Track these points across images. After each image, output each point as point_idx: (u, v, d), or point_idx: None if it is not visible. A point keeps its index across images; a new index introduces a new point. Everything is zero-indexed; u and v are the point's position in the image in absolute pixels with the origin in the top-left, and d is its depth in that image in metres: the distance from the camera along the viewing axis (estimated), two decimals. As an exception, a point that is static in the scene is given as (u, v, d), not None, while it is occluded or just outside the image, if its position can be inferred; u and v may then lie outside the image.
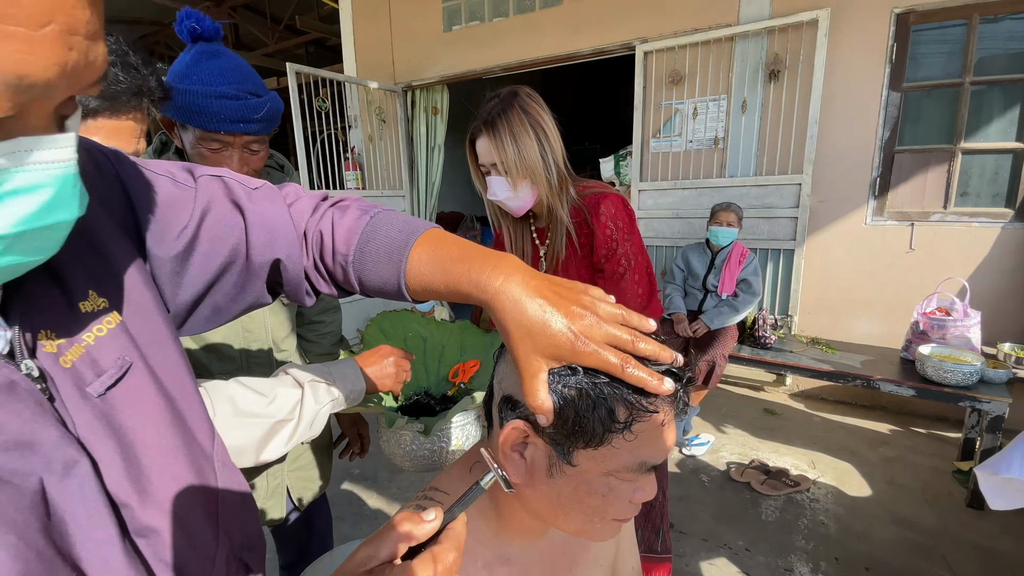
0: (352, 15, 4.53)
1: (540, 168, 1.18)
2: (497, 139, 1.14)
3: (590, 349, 0.46)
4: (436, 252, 0.53)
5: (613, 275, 1.30)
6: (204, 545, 0.46)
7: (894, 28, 2.68)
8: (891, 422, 2.89)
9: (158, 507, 0.41)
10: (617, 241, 1.27)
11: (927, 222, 2.79)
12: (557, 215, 1.25)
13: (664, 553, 1.54)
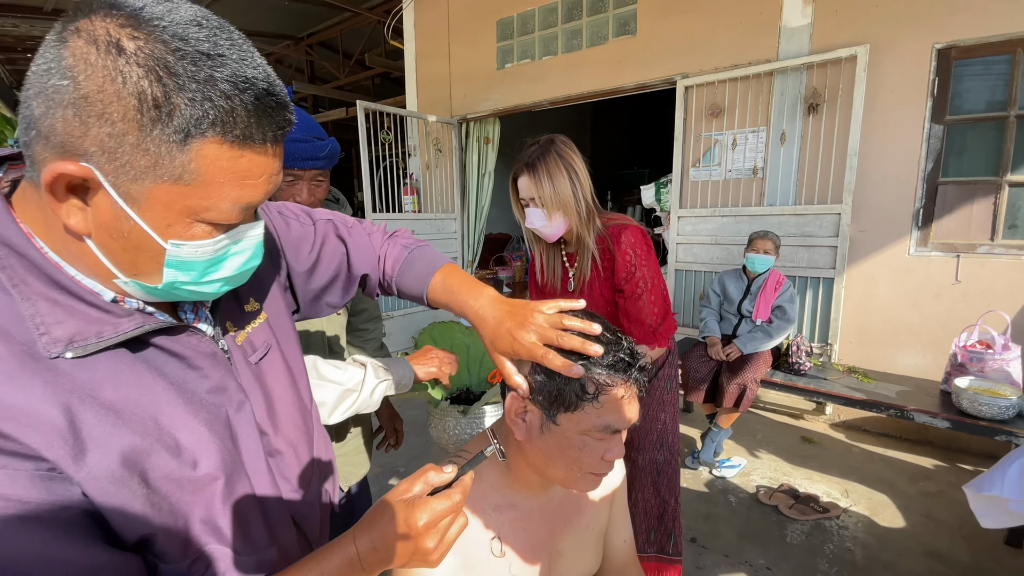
0: (416, 56, 4.97)
1: (571, 202, 1.41)
2: (536, 178, 1.39)
3: (523, 346, 0.67)
4: (444, 283, 0.78)
5: (632, 295, 1.48)
6: (305, 468, 0.68)
7: (935, 63, 2.72)
8: (937, 457, 2.82)
9: (283, 438, 0.64)
10: (635, 266, 1.47)
11: (974, 254, 2.75)
12: (584, 242, 1.47)
13: (675, 555, 1.64)
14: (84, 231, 0.42)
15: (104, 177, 0.39)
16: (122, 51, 0.37)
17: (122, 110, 0.38)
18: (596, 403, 0.70)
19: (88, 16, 0.38)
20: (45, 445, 0.40)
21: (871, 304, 3.06)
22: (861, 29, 2.88)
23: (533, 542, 0.82)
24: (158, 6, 0.39)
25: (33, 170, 0.41)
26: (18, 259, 0.43)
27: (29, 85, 0.39)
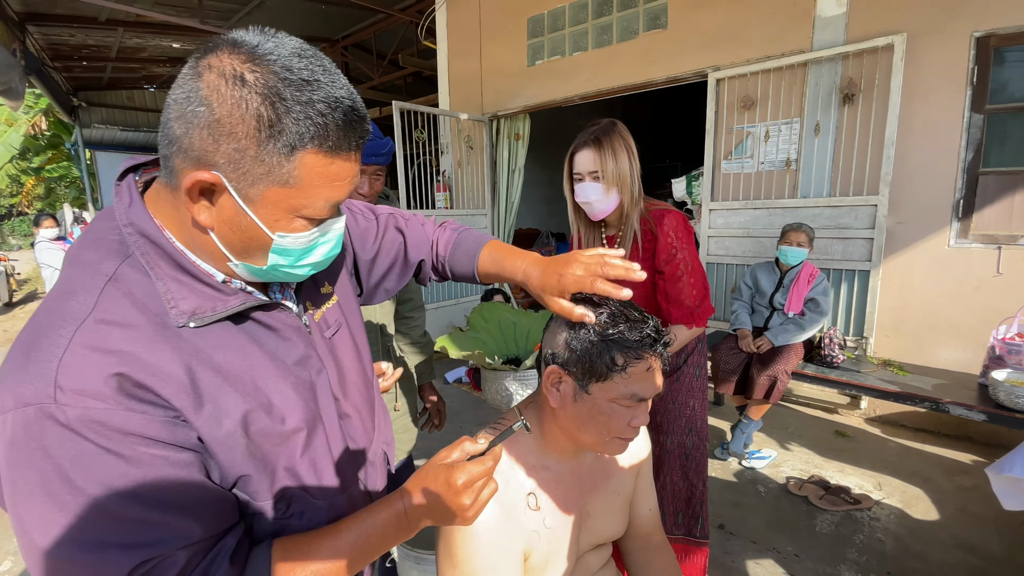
0: (448, 55, 5.08)
1: (628, 180, 1.51)
2: (601, 152, 1.48)
3: (570, 279, 0.75)
4: (492, 254, 0.88)
5: (672, 276, 1.55)
6: (368, 432, 0.79)
7: (974, 51, 2.65)
8: (975, 453, 2.77)
9: (351, 403, 0.75)
10: (677, 248, 1.54)
11: (1016, 245, 2.68)
12: (630, 221, 1.54)
13: (702, 538, 1.70)
14: (209, 225, 0.53)
15: (229, 183, 0.50)
16: (245, 82, 0.47)
17: (245, 130, 0.48)
18: (624, 374, 0.78)
19: (216, 53, 0.49)
20: (173, 396, 0.51)
21: (909, 297, 3.01)
22: (897, 18, 2.83)
23: (565, 500, 0.91)
24: (268, 42, 0.49)
25: (170, 176, 0.52)
26: (152, 247, 0.54)
27: (170, 110, 0.50)
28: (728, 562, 2.01)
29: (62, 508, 0.45)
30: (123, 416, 0.47)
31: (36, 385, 0.45)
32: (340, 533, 0.60)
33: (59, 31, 7.54)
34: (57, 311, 0.49)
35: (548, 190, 7.18)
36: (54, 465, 0.45)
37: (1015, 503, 1.15)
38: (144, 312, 0.52)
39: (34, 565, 0.47)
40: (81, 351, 0.47)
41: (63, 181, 16.45)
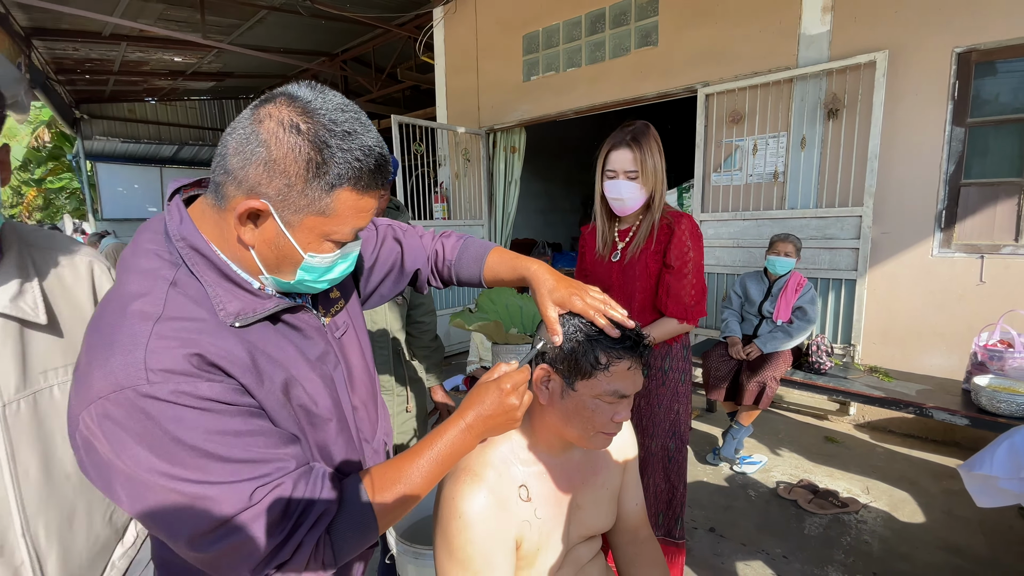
0: (446, 70, 5.20)
1: (660, 179, 1.61)
2: (640, 152, 1.58)
3: (577, 303, 0.85)
4: (500, 258, 0.97)
5: (679, 273, 1.64)
6: (372, 423, 0.86)
7: (955, 67, 2.76)
8: (962, 457, 2.82)
9: (358, 397, 0.82)
10: (689, 248, 1.64)
11: (998, 255, 2.76)
12: (651, 218, 1.65)
13: (680, 539, 1.75)
14: (251, 243, 0.62)
15: (275, 211, 0.59)
16: (300, 131, 0.57)
17: (296, 169, 0.57)
18: (607, 372, 0.84)
19: (274, 103, 0.58)
20: (240, 374, 0.59)
21: (894, 305, 3.09)
22: (880, 35, 2.94)
23: (554, 493, 0.97)
24: (317, 99, 0.59)
25: (219, 199, 0.61)
26: (201, 258, 0.62)
27: (227, 146, 0.59)
28: (718, 564, 2.05)
29: (175, 462, 0.54)
30: (206, 385, 0.56)
31: (128, 371, 0.53)
32: (420, 454, 0.71)
33: (63, 45, 7.65)
34: (130, 311, 0.57)
35: (543, 201, 7.29)
36: (161, 430, 0.53)
37: (987, 500, 1.21)
38: (205, 310, 0.60)
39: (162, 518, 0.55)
40: (162, 341, 0.55)
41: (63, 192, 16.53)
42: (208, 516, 0.55)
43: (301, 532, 0.59)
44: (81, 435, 0.56)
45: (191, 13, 6.44)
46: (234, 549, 0.56)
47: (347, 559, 0.65)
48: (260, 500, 0.57)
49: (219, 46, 7.04)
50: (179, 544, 0.57)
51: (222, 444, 0.56)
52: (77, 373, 0.57)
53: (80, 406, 0.55)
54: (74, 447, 0.59)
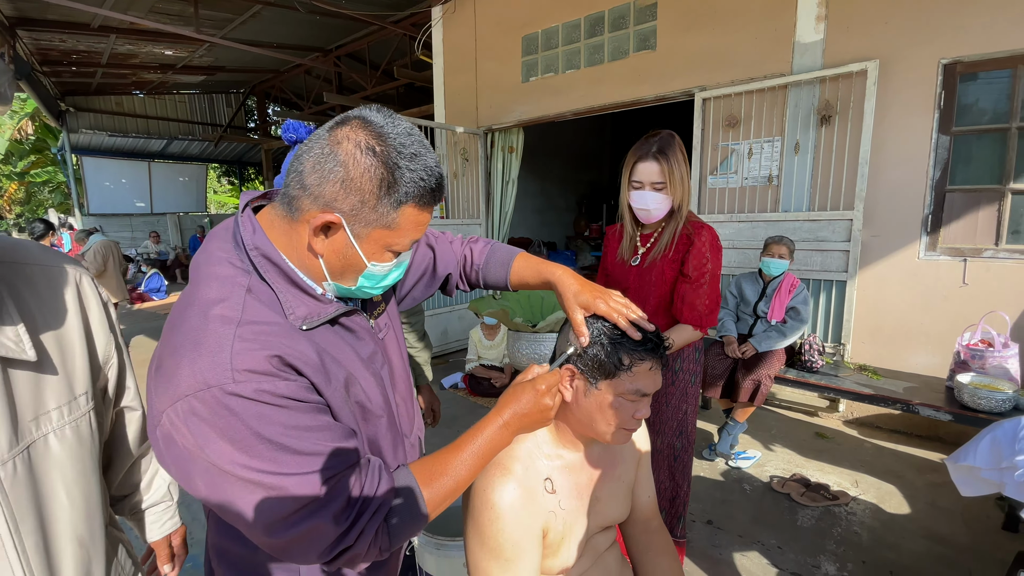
0: (444, 70, 5.23)
1: (686, 191, 1.66)
2: (667, 164, 1.62)
3: (600, 306, 0.91)
4: (526, 263, 1.04)
5: (696, 282, 1.69)
6: (410, 420, 0.91)
7: (942, 77, 2.86)
8: (945, 452, 2.94)
9: (399, 394, 0.87)
10: (707, 259, 1.69)
11: (980, 258, 2.88)
12: (674, 225, 1.70)
13: (681, 538, 1.83)
14: (321, 252, 0.67)
15: (347, 225, 0.65)
16: (374, 153, 0.63)
17: (370, 187, 0.63)
18: (630, 372, 0.91)
19: (350, 126, 0.64)
20: (311, 374, 0.65)
21: (883, 306, 3.20)
22: (871, 45, 3.04)
23: (576, 485, 1.03)
24: (388, 124, 0.65)
25: (291, 211, 0.66)
26: (273, 267, 0.68)
27: (303, 164, 0.64)
28: (716, 555, 2.14)
29: (254, 454, 0.59)
30: (284, 385, 0.61)
31: (216, 371, 0.58)
32: (462, 449, 0.77)
33: (50, 36, 7.53)
34: (212, 315, 0.62)
35: (539, 200, 7.35)
36: (244, 426, 0.58)
37: (970, 490, 1.30)
38: (277, 314, 0.66)
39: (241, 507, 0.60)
40: (244, 343, 0.60)
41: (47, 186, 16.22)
42: (283, 505, 0.60)
43: (364, 519, 0.65)
44: (163, 430, 0.61)
45: (184, 6, 6.39)
46: (305, 535, 0.61)
47: (399, 545, 0.71)
48: (328, 490, 0.62)
49: (212, 40, 6.98)
50: (255, 531, 0.62)
51: (296, 438, 0.61)
52: (160, 373, 0.62)
53: (165, 403, 0.60)
54: (153, 441, 0.63)
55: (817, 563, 2.07)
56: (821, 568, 2.05)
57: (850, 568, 2.04)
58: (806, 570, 2.04)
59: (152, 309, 8.25)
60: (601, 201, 8.17)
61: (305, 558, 0.64)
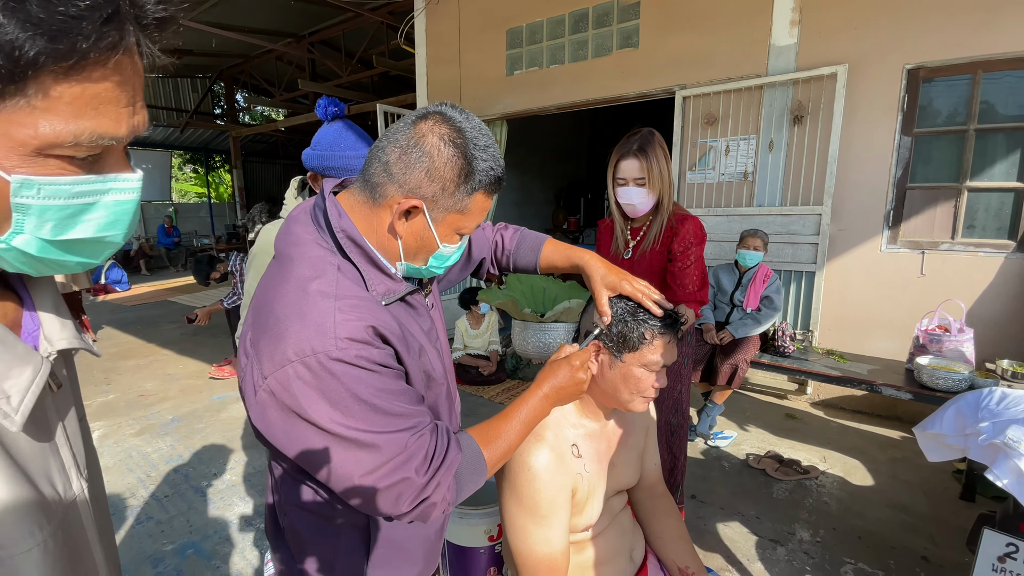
0: (427, 60, 5.22)
1: (667, 185, 1.76)
2: (646, 161, 1.73)
3: (626, 287, 1.00)
4: (555, 247, 1.12)
5: (683, 265, 1.83)
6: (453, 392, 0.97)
7: (905, 81, 3.08)
8: (903, 430, 3.19)
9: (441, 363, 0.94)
10: (692, 244, 1.82)
11: (937, 251, 3.12)
12: (661, 218, 1.81)
13: (679, 504, 1.97)
14: (401, 235, 0.74)
15: (427, 210, 0.72)
16: (456, 145, 0.70)
17: (450, 175, 0.71)
18: (652, 346, 1.00)
19: (431, 120, 0.71)
20: (396, 343, 0.71)
21: (848, 295, 3.42)
22: (840, 50, 3.23)
23: (597, 451, 1.13)
24: (464, 120, 0.72)
25: (374, 196, 0.73)
26: (357, 248, 0.74)
27: (387, 154, 0.71)
28: (701, 525, 2.29)
29: (349, 414, 0.65)
30: (376, 352, 0.68)
31: (322, 339, 0.64)
32: (511, 417, 0.85)
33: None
34: (311, 290, 0.68)
35: (518, 194, 7.43)
36: (343, 388, 0.65)
37: (936, 456, 1.46)
38: (363, 290, 0.72)
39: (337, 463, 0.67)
40: (343, 314, 0.67)
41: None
42: (375, 459, 0.67)
43: (440, 474, 0.72)
44: (266, 393, 0.66)
45: (153, -13, 6.14)
46: (394, 487, 0.68)
47: (463, 499, 0.79)
48: (411, 447, 0.69)
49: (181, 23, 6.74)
50: (347, 485, 0.68)
51: (385, 400, 0.68)
52: (263, 342, 0.67)
53: (271, 368, 0.65)
54: (251, 404, 0.69)
55: (792, 531, 2.25)
56: (796, 535, 2.22)
57: (822, 534, 2.22)
58: (783, 537, 2.21)
59: (117, 301, 7.96)
60: (579, 195, 8.30)
61: (393, 508, 0.70)
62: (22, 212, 0.38)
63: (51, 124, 0.36)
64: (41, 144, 0.37)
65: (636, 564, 1.21)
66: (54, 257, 0.42)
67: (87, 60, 0.36)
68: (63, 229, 0.41)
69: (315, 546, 0.82)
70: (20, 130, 0.36)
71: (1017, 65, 2.85)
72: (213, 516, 2.41)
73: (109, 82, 0.38)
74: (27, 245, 0.40)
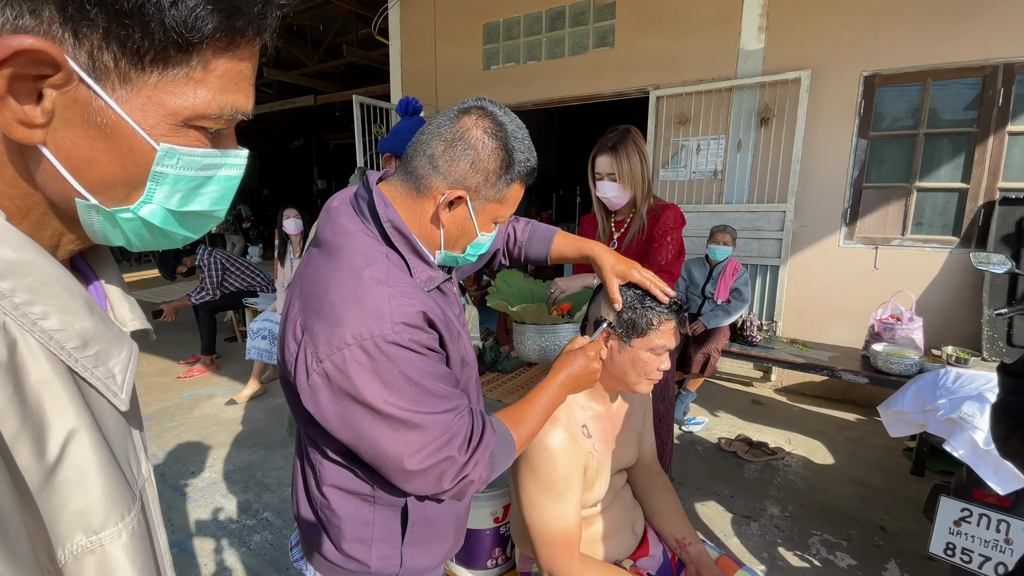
0: (401, 51, 5.18)
1: (640, 180, 1.84)
2: (617, 158, 1.79)
3: (635, 274, 1.07)
4: (566, 239, 1.17)
5: (658, 245, 1.91)
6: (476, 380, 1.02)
7: (862, 88, 3.29)
8: (858, 413, 3.43)
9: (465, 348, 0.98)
10: (671, 228, 1.91)
11: (888, 246, 3.36)
12: (639, 212, 1.88)
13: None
14: (444, 223, 0.78)
15: (469, 200, 0.76)
16: (498, 138, 0.74)
17: (493, 167, 0.75)
18: (658, 331, 1.08)
19: (473, 115, 0.75)
20: (441, 328, 0.75)
21: (809, 287, 3.64)
22: (804, 56, 3.41)
23: (604, 432, 1.20)
24: (502, 114, 0.76)
25: (419, 187, 0.76)
26: (402, 237, 0.77)
27: (432, 148, 0.74)
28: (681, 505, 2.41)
29: (400, 395, 0.69)
30: (426, 336, 0.72)
31: (379, 323, 0.68)
32: (533, 403, 0.90)
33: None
34: (365, 277, 0.71)
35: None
36: (397, 370, 0.68)
37: (897, 431, 1.61)
38: (409, 277, 0.76)
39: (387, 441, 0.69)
40: (397, 300, 0.70)
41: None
42: (423, 438, 0.71)
43: (479, 453, 0.76)
44: (321, 374, 0.69)
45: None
46: (439, 464, 0.72)
47: (496, 477, 0.84)
48: (454, 427, 0.73)
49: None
50: (396, 464, 0.71)
51: (432, 382, 0.72)
52: (319, 327, 0.69)
53: (327, 351, 0.68)
54: (303, 388, 0.71)
55: (763, 507, 2.40)
56: (767, 511, 2.37)
57: (790, 510, 2.38)
58: (755, 513, 2.36)
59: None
60: (551, 191, 8.40)
61: (436, 486, 0.74)
62: (157, 181, 0.39)
63: (203, 96, 0.38)
64: (190, 115, 0.38)
65: (638, 537, 1.29)
66: (171, 228, 0.42)
67: (243, 38, 0.39)
68: (187, 200, 0.42)
69: (353, 527, 0.85)
70: (174, 99, 0.37)
71: (962, 74, 3.09)
72: (195, 514, 2.37)
73: (249, 61, 0.41)
74: (152, 215, 0.41)
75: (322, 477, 0.85)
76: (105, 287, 0.51)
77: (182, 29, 0.34)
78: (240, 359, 4.43)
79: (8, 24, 0.31)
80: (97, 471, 0.39)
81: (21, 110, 0.33)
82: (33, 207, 0.39)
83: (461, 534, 0.97)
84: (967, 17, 2.98)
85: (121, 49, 0.34)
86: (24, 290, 0.36)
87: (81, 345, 0.39)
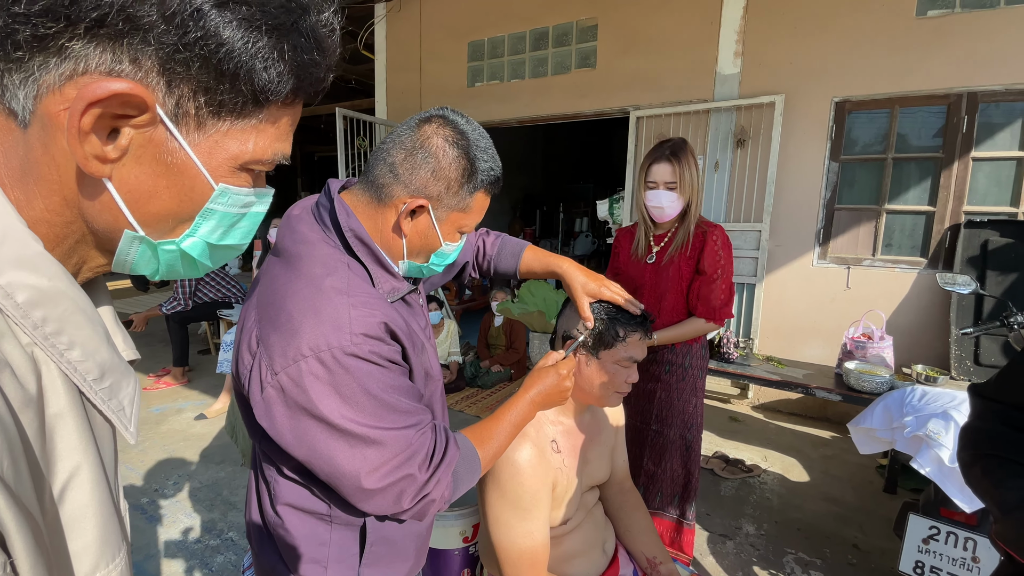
0: (387, 66, 5.21)
1: (696, 191, 1.77)
2: (679, 166, 1.72)
3: (605, 292, 1.07)
4: (535, 255, 1.16)
5: (709, 279, 1.79)
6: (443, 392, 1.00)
7: (833, 112, 3.39)
8: (832, 430, 3.47)
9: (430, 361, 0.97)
10: (720, 257, 1.80)
11: (860, 266, 3.44)
12: (687, 226, 1.79)
13: (692, 520, 1.93)
14: (406, 233, 0.77)
15: (432, 209, 0.75)
16: (459, 146, 0.74)
17: (455, 175, 0.74)
18: (625, 343, 1.08)
19: (434, 123, 0.74)
20: (404, 339, 0.74)
21: (784, 305, 3.70)
22: (778, 81, 3.52)
23: (575, 447, 1.19)
24: (463, 123, 0.76)
25: (380, 197, 0.75)
26: (364, 247, 0.76)
27: (392, 156, 0.74)
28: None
29: (359, 409, 0.66)
30: (387, 348, 0.69)
31: (338, 334, 0.66)
32: (501, 419, 0.88)
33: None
34: (325, 287, 0.69)
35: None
36: (356, 383, 0.66)
37: (867, 448, 1.62)
38: (371, 288, 0.74)
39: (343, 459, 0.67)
40: (358, 310, 0.68)
41: None
42: (382, 455, 0.68)
43: (440, 471, 0.74)
44: (276, 387, 0.66)
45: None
46: (397, 483, 0.69)
47: (459, 496, 0.81)
48: (415, 444, 0.71)
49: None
50: (353, 482, 0.68)
51: (393, 396, 0.70)
52: (274, 338, 0.67)
53: (282, 363, 0.66)
54: (256, 402, 0.69)
55: (739, 525, 2.39)
56: (743, 529, 2.37)
57: (766, 528, 2.38)
58: (731, 531, 2.35)
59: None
60: (535, 207, 8.46)
61: (395, 505, 0.71)
62: (206, 217, 0.41)
63: (262, 143, 0.41)
64: (249, 159, 0.41)
65: (608, 556, 1.27)
66: (204, 260, 0.44)
67: (304, 96, 0.43)
68: (225, 235, 0.44)
69: (308, 548, 0.81)
70: (238, 145, 0.40)
71: (928, 101, 3.21)
72: (157, 534, 2.28)
73: (298, 114, 0.45)
74: (192, 248, 0.43)
75: (276, 495, 0.82)
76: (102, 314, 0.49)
77: (266, 89, 0.38)
78: (212, 372, 4.32)
79: (105, 67, 0.33)
80: (95, 511, 0.39)
81: (100, 147, 0.34)
82: (69, 235, 0.39)
83: (423, 554, 0.95)
84: (933, 47, 3.11)
85: (207, 100, 0.36)
86: (54, 320, 0.36)
87: (99, 377, 0.40)
